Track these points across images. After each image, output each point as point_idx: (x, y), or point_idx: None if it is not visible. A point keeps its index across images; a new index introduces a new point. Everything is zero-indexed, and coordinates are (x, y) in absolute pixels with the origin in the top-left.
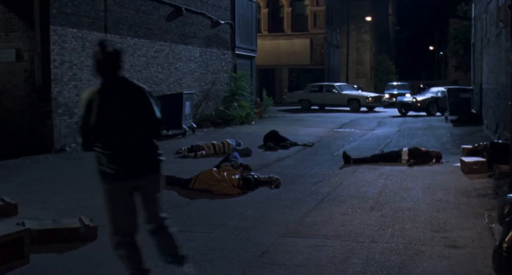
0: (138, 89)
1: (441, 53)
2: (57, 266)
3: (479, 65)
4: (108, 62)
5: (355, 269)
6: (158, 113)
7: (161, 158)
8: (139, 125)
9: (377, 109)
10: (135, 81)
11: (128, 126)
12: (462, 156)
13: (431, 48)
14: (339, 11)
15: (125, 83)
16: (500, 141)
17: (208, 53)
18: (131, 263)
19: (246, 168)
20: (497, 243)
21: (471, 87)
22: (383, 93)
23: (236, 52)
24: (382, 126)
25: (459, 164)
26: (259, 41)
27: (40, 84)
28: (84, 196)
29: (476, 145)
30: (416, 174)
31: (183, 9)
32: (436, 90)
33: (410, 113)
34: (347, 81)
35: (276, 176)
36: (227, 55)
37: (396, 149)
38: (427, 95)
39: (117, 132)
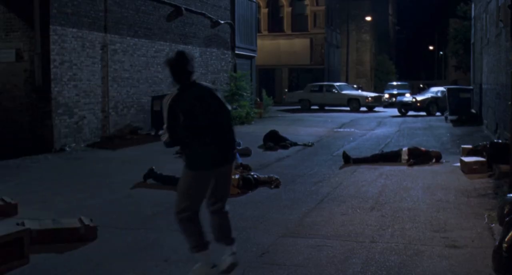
0: (209, 89)
1: (441, 53)
2: (57, 266)
3: (479, 65)
4: (184, 71)
5: (355, 269)
6: (229, 106)
7: (237, 147)
8: (221, 119)
9: (377, 109)
10: (203, 83)
11: (212, 121)
12: (462, 156)
13: (431, 48)
14: (339, 11)
15: (198, 86)
16: (500, 141)
17: (208, 53)
18: (194, 236)
19: (246, 168)
20: (497, 243)
21: (471, 87)
22: (383, 93)
23: (236, 52)
24: (382, 126)
25: (459, 164)
26: (259, 41)
27: (40, 84)
28: (84, 196)
29: (476, 145)
30: (416, 174)
31: (183, 9)
32: (436, 90)
33: (410, 113)
34: (347, 81)
35: (276, 176)
36: (227, 55)
37: (396, 149)
38: (427, 95)
39: (205, 127)
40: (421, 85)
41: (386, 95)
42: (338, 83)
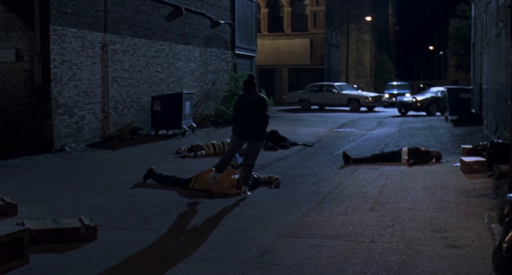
0: (261, 98)
1: (441, 53)
2: (57, 266)
3: (479, 65)
4: (252, 85)
5: (355, 269)
6: (267, 113)
7: (265, 134)
8: (256, 116)
9: (377, 109)
10: (260, 93)
11: (250, 116)
12: (462, 156)
13: (431, 48)
14: (339, 11)
15: (255, 94)
16: (500, 141)
17: (208, 53)
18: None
19: None
20: (497, 243)
21: (471, 87)
22: (383, 93)
23: (236, 52)
24: (382, 126)
25: (459, 164)
26: (259, 41)
27: (40, 84)
28: (84, 196)
29: (476, 145)
30: (416, 174)
31: (183, 9)
32: (436, 90)
33: (410, 113)
34: (347, 81)
35: (276, 176)
36: (227, 55)
37: (396, 149)
38: (427, 95)
39: (245, 117)
40: (421, 85)
41: (386, 95)
42: (338, 83)
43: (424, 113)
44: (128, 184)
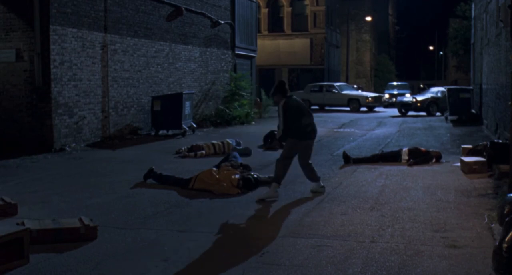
0: (299, 99)
1: (441, 53)
2: (57, 266)
3: (479, 65)
4: (286, 90)
5: (355, 269)
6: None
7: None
8: (311, 117)
9: (377, 109)
10: (294, 96)
11: (308, 117)
12: (462, 156)
13: (431, 48)
14: (339, 11)
15: (295, 98)
16: (500, 141)
17: (208, 53)
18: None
19: (246, 168)
20: (497, 243)
21: (471, 87)
22: (383, 93)
23: (236, 52)
24: (382, 126)
25: (459, 164)
26: (259, 41)
27: (40, 84)
28: (84, 196)
29: (476, 145)
30: (416, 174)
31: (183, 9)
32: (436, 90)
33: (410, 113)
34: (347, 81)
35: None
36: (227, 55)
37: (396, 149)
38: (427, 95)
39: (305, 120)
40: (421, 85)
41: (386, 95)
42: (338, 83)
43: (424, 113)
44: (128, 184)
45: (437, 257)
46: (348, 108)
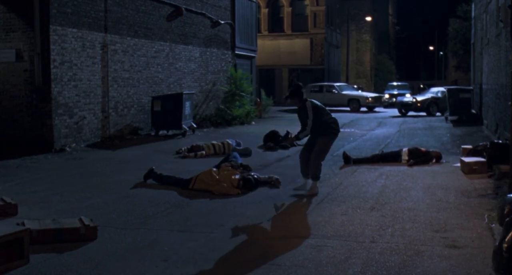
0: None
1: (441, 53)
2: (57, 266)
3: (479, 65)
4: (302, 93)
5: (355, 269)
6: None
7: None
8: (328, 115)
9: (377, 109)
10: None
11: (328, 113)
12: (462, 156)
13: (431, 48)
14: (339, 11)
15: (309, 100)
16: (500, 141)
17: (208, 53)
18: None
19: (246, 168)
20: (497, 243)
21: (471, 87)
22: (383, 93)
23: (236, 52)
24: (382, 126)
25: (459, 164)
26: (259, 41)
27: (40, 84)
28: (84, 196)
29: (476, 145)
30: (416, 174)
31: (183, 9)
32: (436, 90)
33: (410, 113)
34: (347, 81)
35: (276, 176)
36: (227, 55)
37: (396, 149)
38: (427, 95)
39: (331, 117)
40: (421, 86)
41: (386, 96)
42: (338, 83)
43: (424, 114)
44: (128, 184)
45: (437, 257)
46: (348, 108)
